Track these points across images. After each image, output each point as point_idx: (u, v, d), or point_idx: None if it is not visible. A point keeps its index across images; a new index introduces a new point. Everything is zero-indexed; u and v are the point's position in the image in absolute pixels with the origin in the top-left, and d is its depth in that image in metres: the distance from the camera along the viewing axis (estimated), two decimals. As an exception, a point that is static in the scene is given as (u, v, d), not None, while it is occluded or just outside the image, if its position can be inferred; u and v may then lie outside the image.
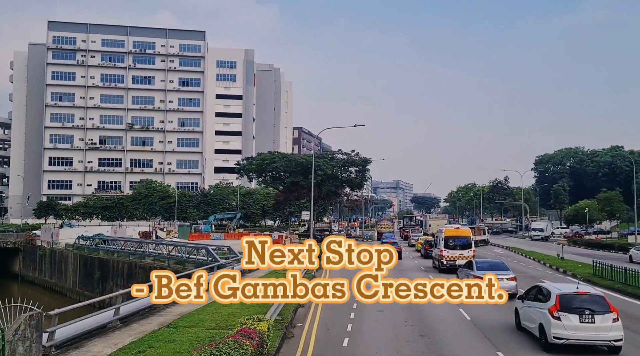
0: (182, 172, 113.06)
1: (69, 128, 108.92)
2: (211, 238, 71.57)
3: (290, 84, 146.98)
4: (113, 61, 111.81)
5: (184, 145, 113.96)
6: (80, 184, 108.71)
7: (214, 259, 36.74)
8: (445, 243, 31.93)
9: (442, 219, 69.46)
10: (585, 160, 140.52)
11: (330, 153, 66.37)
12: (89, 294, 47.42)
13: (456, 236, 32.01)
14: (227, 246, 44.11)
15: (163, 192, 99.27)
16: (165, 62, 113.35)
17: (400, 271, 33.16)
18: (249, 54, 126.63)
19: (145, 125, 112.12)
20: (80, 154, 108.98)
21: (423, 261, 41.90)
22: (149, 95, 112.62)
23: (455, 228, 33.02)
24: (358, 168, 65.96)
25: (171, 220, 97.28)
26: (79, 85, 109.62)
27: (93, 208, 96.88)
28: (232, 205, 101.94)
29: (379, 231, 74.94)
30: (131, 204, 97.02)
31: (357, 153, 65.86)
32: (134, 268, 47.33)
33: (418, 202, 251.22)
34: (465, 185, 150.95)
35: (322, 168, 62.13)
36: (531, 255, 45.60)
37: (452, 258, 31.48)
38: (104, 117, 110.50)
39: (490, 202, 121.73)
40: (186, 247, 44.52)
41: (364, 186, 77.89)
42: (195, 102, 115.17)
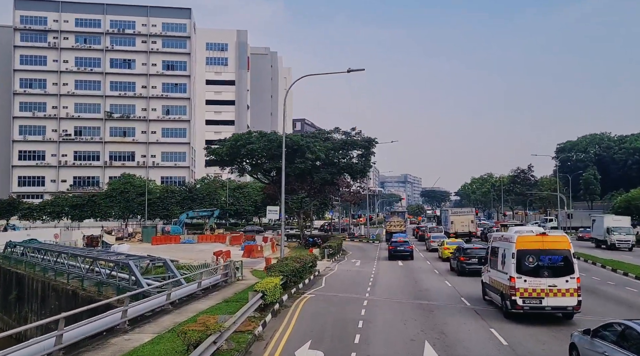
0: (168, 165, 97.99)
1: (40, 118, 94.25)
2: (181, 241, 56.12)
3: (289, 70, 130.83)
4: (88, 43, 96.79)
5: (169, 135, 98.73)
6: (54, 181, 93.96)
7: (137, 281, 22.78)
8: (519, 262, 16.00)
9: (467, 214, 53.16)
10: (612, 147, 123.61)
11: (324, 133, 50.37)
12: (6, 320, 37.65)
13: (541, 250, 15.93)
14: (164, 259, 28.67)
15: (142, 187, 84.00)
16: (147, 43, 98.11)
17: (429, 311, 17.62)
18: (241, 35, 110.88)
19: (125, 114, 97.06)
20: (53, 147, 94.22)
21: (457, 281, 26.09)
22: (129, 80, 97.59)
23: (538, 234, 16.80)
24: (361, 151, 49.97)
25: (152, 219, 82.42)
26: (51, 70, 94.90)
27: (62, 207, 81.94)
28: (220, 201, 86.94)
29: (387, 230, 58.73)
30: (105, 202, 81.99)
31: (358, 132, 49.96)
32: (47, 289, 33.90)
33: (428, 196, 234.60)
34: (481, 176, 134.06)
35: (314, 151, 46.24)
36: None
37: (536, 293, 15.62)
38: (79, 106, 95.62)
39: (510, 194, 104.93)
40: (107, 262, 29.68)
41: (368, 173, 62.07)
42: (182, 88, 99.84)
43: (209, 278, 23.23)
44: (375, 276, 28.53)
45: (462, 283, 25.06)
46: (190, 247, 50.82)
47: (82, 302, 28.89)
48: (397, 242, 41.38)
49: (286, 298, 20.54)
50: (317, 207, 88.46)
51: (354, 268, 33.54)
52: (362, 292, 22.55)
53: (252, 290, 16.92)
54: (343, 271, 31.67)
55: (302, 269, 24.13)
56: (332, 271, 31.96)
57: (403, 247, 40.57)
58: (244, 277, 27.37)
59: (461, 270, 27.75)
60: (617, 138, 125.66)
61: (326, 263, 36.43)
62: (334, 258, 39.26)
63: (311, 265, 28.95)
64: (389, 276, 28.66)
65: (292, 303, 19.97)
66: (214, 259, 30.92)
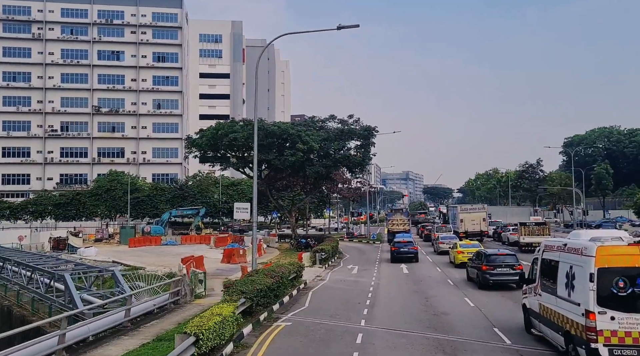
0: (160, 162, 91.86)
1: (24, 113, 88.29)
2: (162, 243, 50.12)
3: (287, 64, 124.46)
4: (75, 34, 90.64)
5: (160, 130, 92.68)
6: (40, 178, 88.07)
7: (72, 301, 18.53)
8: (601, 288, 9.83)
9: (478, 212, 46.74)
10: (622, 140, 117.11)
11: (318, 121, 44.06)
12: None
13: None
14: (112, 270, 22.79)
15: (130, 185, 78.10)
16: (136, 34, 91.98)
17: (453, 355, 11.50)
18: (236, 26, 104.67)
19: (114, 108, 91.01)
20: (38, 143, 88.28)
21: (481, 298, 20.16)
22: (118, 73, 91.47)
23: (632, 244, 10.67)
24: (359, 142, 43.76)
25: (142, 218, 76.53)
26: (36, 62, 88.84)
27: (45, 206, 76.18)
28: (213, 199, 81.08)
29: (389, 229, 52.43)
30: (90, 200, 76.17)
31: (356, 120, 43.68)
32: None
33: (430, 193, 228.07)
34: (486, 172, 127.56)
35: (306, 141, 40.04)
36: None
37: (632, 339, 9.42)
38: (65, 100, 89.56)
39: (518, 190, 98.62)
40: (44, 272, 24.24)
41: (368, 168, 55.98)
42: (173, 81, 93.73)
43: (152, 299, 17.17)
44: (374, 290, 22.44)
45: (488, 302, 18.90)
46: (170, 250, 44.85)
47: (15, 322, 23.28)
48: (401, 243, 35.67)
49: (249, 329, 14.48)
50: (315, 205, 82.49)
51: (349, 277, 27.43)
52: (356, 317, 16.47)
53: (181, 332, 10.80)
54: (336, 282, 25.58)
55: (277, 285, 18.05)
56: (322, 281, 25.89)
57: (407, 248, 34.91)
58: (208, 293, 21.31)
59: (483, 282, 21.61)
60: (628, 131, 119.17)
61: (317, 270, 30.33)
62: (327, 263, 33.14)
63: (294, 276, 22.90)
64: (392, 290, 22.56)
65: (256, 338, 13.89)
66: (180, 267, 24.80)
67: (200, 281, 21.34)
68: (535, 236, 35.99)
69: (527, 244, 36.23)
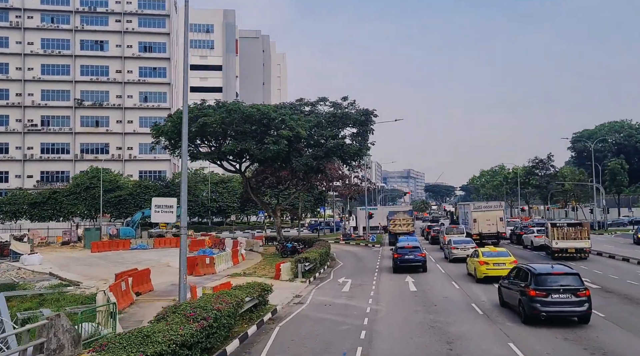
0: (147, 158, 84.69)
1: (2, 107, 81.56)
2: (131, 247, 42.93)
3: (284, 57, 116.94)
4: (56, 22, 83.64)
5: (147, 125, 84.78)
6: (19, 176, 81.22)
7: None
8: None
9: (495, 210, 39.13)
10: (634, 135, 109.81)
11: (306, 104, 36.59)
12: None
13: None
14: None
15: (112, 183, 71.15)
16: (121, 22, 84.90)
17: None
18: (229, 15, 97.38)
19: (98, 101, 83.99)
20: (17, 139, 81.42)
21: (537, 346, 12.62)
22: (101, 64, 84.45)
23: None
24: (355, 129, 36.50)
25: (123, 218, 69.48)
26: (14, 53, 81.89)
27: (20, 205, 69.20)
28: (201, 197, 74.34)
29: (391, 230, 45.01)
30: (67, 199, 69.15)
31: (352, 102, 36.38)
32: None
33: (432, 191, 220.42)
34: (491, 168, 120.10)
35: (292, 126, 32.75)
36: None
37: None
38: (46, 93, 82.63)
39: (526, 186, 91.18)
40: None
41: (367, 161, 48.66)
42: (161, 72, 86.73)
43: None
44: (370, 325, 15.15)
45: (550, 352, 11.64)
46: (134, 256, 37.71)
47: None
48: (405, 248, 28.33)
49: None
50: (312, 204, 75.18)
51: (337, 299, 20.08)
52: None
53: None
54: (318, 308, 18.27)
55: (205, 334, 10.80)
56: (300, 306, 18.60)
57: (413, 255, 27.66)
58: (125, 329, 14.01)
59: (529, 314, 14.26)
60: (639, 125, 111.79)
61: (298, 286, 22.98)
62: (313, 275, 25.82)
63: (257, 303, 15.71)
64: (396, 324, 15.30)
65: None
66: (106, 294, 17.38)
67: (111, 313, 14.11)
68: (571, 240, 28.63)
69: (560, 249, 28.89)
